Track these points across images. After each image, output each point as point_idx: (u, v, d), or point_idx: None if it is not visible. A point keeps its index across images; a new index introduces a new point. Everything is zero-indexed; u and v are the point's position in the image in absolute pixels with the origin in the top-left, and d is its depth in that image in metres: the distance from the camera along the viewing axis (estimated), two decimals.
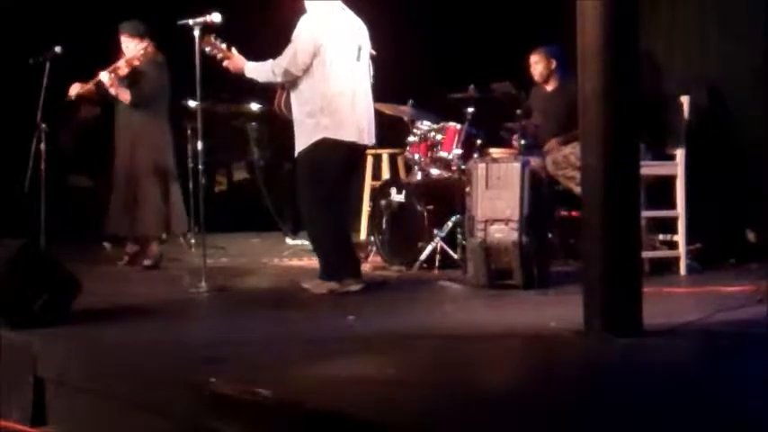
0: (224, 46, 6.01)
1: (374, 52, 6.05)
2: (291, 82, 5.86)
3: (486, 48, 8.25)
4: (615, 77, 4.29)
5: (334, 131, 5.78)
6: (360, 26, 6.00)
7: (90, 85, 7.38)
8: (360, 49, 5.94)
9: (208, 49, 6.02)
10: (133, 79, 7.29)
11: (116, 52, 7.39)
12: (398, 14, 8.63)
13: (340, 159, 5.86)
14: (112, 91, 7.25)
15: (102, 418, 4.21)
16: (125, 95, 7.26)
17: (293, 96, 5.89)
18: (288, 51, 5.79)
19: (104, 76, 7.23)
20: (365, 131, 5.92)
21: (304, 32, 5.78)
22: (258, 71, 5.94)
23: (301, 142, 5.85)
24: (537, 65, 7.18)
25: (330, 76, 5.78)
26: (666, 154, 6.48)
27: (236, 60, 6.00)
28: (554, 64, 7.13)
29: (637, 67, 4.42)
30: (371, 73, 6.05)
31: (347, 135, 5.82)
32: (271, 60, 5.86)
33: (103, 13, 8.64)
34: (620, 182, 4.31)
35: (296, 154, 5.92)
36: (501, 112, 7.09)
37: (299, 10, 5.89)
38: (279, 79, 5.87)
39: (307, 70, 5.78)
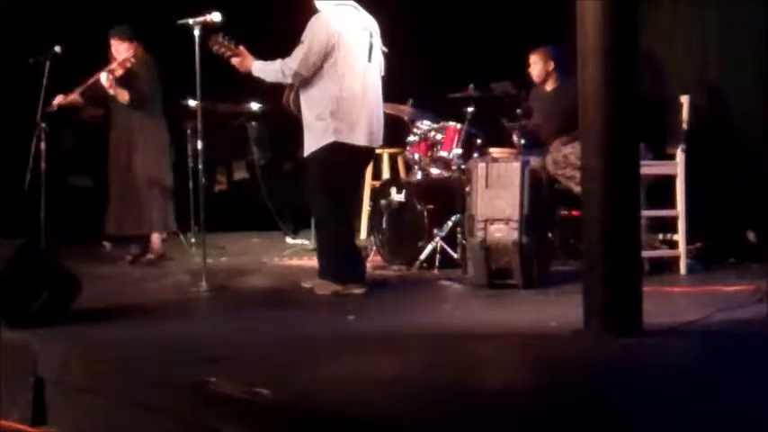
0: (232, 44, 5.92)
1: (385, 49, 6.01)
2: (302, 82, 5.79)
3: (486, 48, 8.25)
4: (615, 77, 4.29)
5: (346, 135, 5.72)
6: (372, 25, 5.92)
7: (74, 95, 7.42)
8: (371, 50, 5.87)
9: (215, 48, 5.92)
10: (128, 80, 7.33)
11: (108, 56, 7.41)
12: (398, 14, 8.62)
13: (351, 163, 5.83)
14: (111, 91, 7.29)
15: (102, 418, 4.21)
16: (124, 95, 7.30)
17: (303, 97, 5.82)
18: (298, 52, 5.70)
19: (103, 78, 7.26)
20: (375, 134, 5.88)
21: (315, 33, 5.70)
22: (266, 71, 5.85)
23: (310, 145, 5.79)
24: (535, 65, 7.18)
25: (342, 78, 5.72)
26: (666, 154, 6.48)
27: (244, 59, 5.90)
28: (552, 65, 7.12)
29: (637, 67, 4.42)
30: (383, 71, 5.99)
31: (358, 139, 5.77)
32: (279, 60, 5.78)
33: (103, 13, 8.65)
34: (620, 182, 4.31)
35: (304, 154, 5.86)
36: (501, 112, 7.10)
37: (305, 9, 5.84)
38: (288, 80, 5.80)
39: (317, 72, 5.72)
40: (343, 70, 5.72)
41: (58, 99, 7.45)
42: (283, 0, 6.60)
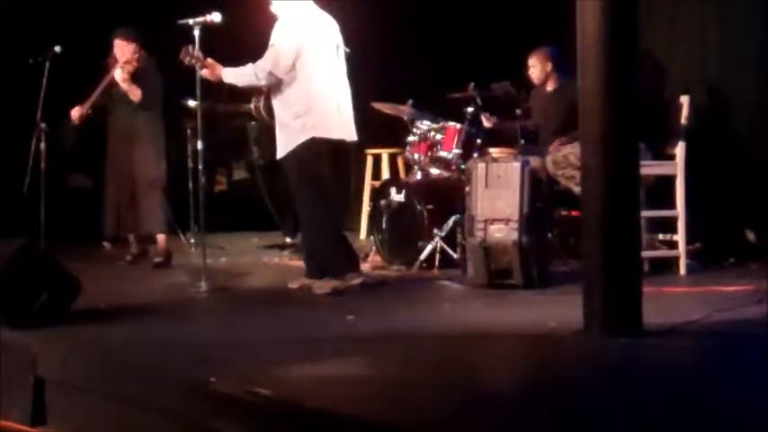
0: (201, 55, 6.02)
1: (348, 50, 6.08)
2: (274, 85, 5.88)
3: (486, 48, 8.25)
4: (615, 77, 4.29)
5: (323, 131, 5.82)
6: (333, 24, 6.05)
7: (87, 107, 7.40)
8: (337, 47, 6.00)
9: (187, 59, 6.05)
10: (138, 79, 7.28)
11: (109, 56, 7.40)
12: (399, 15, 8.62)
13: (329, 157, 5.90)
14: (125, 87, 7.24)
15: (102, 418, 4.21)
16: (137, 92, 7.25)
17: (276, 99, 5.91)
18: (269, 55, 5.81)
19: (117, 74, 7.22)
20: (351, 129, 6.00)
21: (284, 35, 5.81)
22: (238, 76, 5.94)
23: (288, 144, 5.88)
24: (534, 68, 7.16)
25: (313, 76, 5.82)
26: (666, 154, 6.48)
27: (213, 68, 6.01)
28: (550, 66, 7.10)
29: (637, 67, 4.42)
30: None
31: (335, 133, 5.89)
32: (251, 64, 5.86)
33: (104, 13, 8.65)
34: (620, 182, 4.31)
35: (280, 155, 5.93)
36: (501, 112, 7.09)
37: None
38: (262, 83, 5.89)
39: (289, 72, 5.80)
40: (313, 68, 5.83)
41: (77, 114, 7.37)
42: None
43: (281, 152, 5.93)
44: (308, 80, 5.81)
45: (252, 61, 5.90)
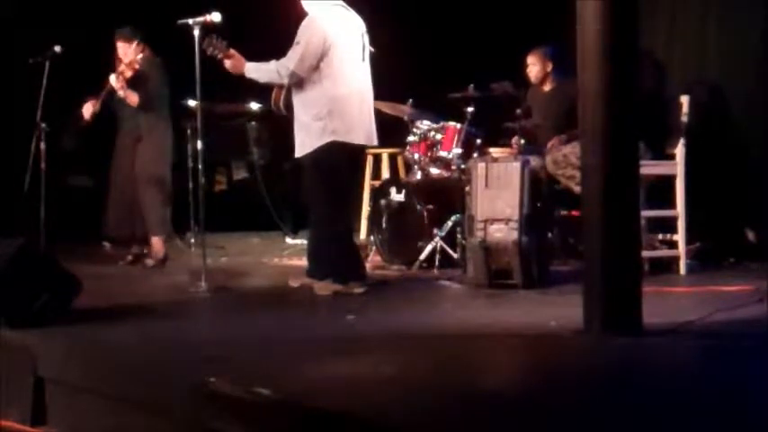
0: (224, 45, 5.95)
1: (373, 49, 6.03)
2: (296, 83, 5.80)
3: (486, 48, 8.25)
4: (615, 77, 4.29)
5: (344, 135, 5.74)
6: (361, 25, 5.96)
7: (97, 106, 7.39)
8: (363, 49, 5.90)
9: (210, 50, 5.96)
10: (137, 82, 7.28)
11: (113, 57, 7.38)
12: (399, 14, 8.62)
13: (349, 162, 5.86)
14: (121, 93, 7.24)
15: (102, 418, 4.21)
16: (134, 98, 7.25)
17: (298, 98, 5.83)
18: (294, 53, 5.71)
19: (112, 80, 7.22)
20: (372, 133, 5.91)
21: (311, 34, 5.71)
22: (260, 72, 5.88)
23: (306, 145, 5.80)
24: (533, 67, 7.16)
25: (338, 77, 5.74)
26: (666, 153, 6.48)
27: (236, 61, 5.93)
28: (550, 66, 7.10)
29: (637, 67, 4.43)
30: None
31: (356, 138, 5.80)
32: (274, 61, 5.80)
33: (103, 13, 8.65)
34: (620, 182, 4.31)
35: (298, 155, 5.88)
36: (501, 112, 7.09)
37: (298, 9, 5.86)
38: (285, 81, 5.81)
39: (313, 72, 5.73)
40: (339, 70, 5.74)
41: (88, 112, 7.39)
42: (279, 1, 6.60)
43: (298, 152, 5.86)
44: (332, 81, 5.72)
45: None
